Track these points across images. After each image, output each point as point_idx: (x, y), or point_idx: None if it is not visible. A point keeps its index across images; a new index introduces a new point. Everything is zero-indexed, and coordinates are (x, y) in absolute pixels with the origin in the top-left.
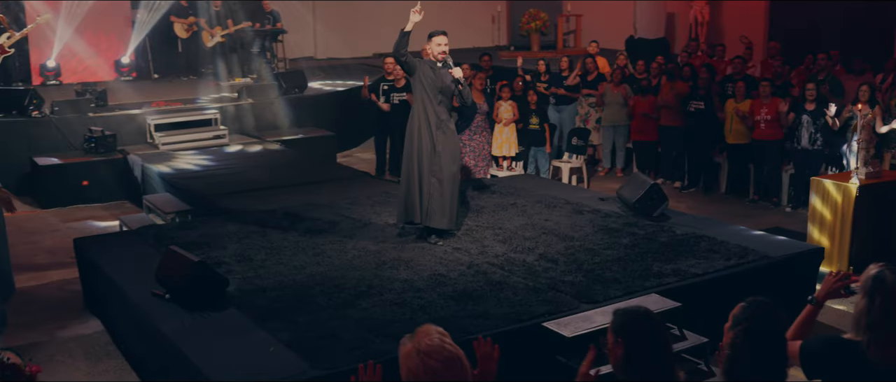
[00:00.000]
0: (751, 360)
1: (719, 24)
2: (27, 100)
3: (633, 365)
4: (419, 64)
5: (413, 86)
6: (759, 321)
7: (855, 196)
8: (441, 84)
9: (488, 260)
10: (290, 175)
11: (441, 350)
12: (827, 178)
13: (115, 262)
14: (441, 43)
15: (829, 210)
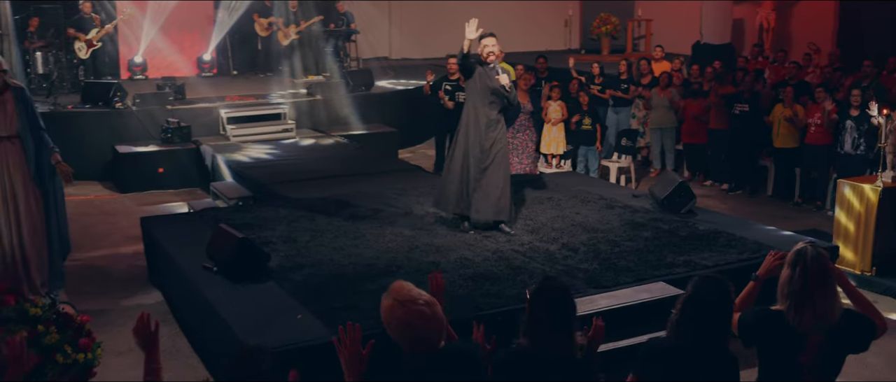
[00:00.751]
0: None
1: (787, 30)
2: (112, 92)
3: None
4: (475, 67)
5: (467, 88)
6: (704, 291)
7: (878, 198)
8: (491, 85)
9: (513, 247)
10: (348, 167)
11: (419, 296)
12: (852, 181)
13: (174, 239)
14: (490, 44)
15: (853, 211)
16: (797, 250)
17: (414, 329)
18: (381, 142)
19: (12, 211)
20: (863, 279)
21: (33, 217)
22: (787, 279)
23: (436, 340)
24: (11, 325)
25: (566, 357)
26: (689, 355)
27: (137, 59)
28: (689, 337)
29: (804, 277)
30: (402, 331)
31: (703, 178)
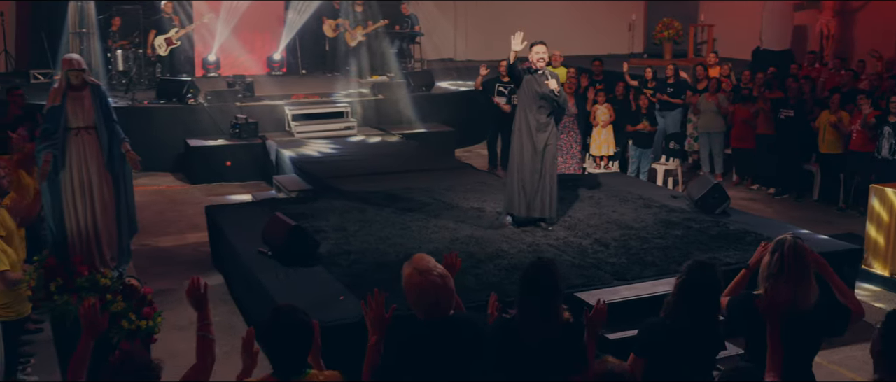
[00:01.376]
0: (687, 306)
1: (850, 37)
2: (185, 89)
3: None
4: (525, 75)
5: (518, 94)
6: (695, 275)
7: None
8: (540, 91)
9: (549, 241)
10: (402, 164)
11: (435, 267)
12: (883, 186)
13: (235, 226)
14: (539, 51)
15: (885, 214)
16: (778, 240)
17: (427, 296)
18: (439, 141)
19: (87, 193)
20: (890, 281)
21: (105, 199)
22: (766, 265)
23: (445, 308)
24: (84, 293)
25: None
26: (684, 334)
27: (211, 57)
28: (684, 318)
29: (780, 264)
30: (418, 296)
31: (750, 182)
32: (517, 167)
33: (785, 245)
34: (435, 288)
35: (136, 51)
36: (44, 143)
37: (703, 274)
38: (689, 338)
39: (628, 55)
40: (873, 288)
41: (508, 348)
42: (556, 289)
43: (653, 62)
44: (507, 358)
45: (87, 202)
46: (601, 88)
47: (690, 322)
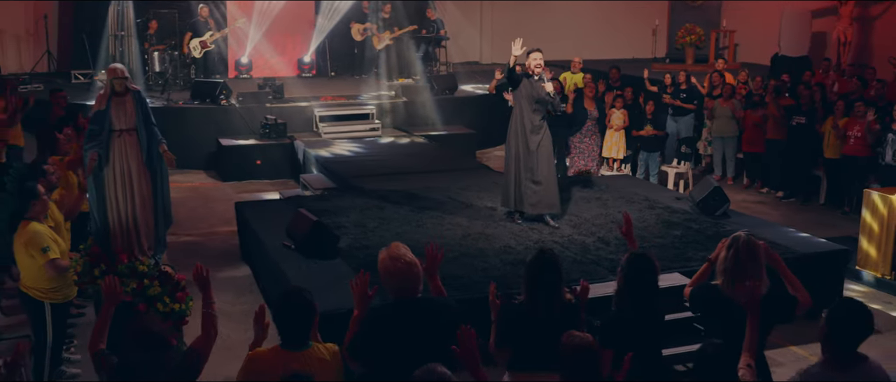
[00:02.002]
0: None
1: (869, 44)
2: (218, 91)
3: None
4: (522, 79)
5: (514, 96)
6: (633, 266)
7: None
8: (536, 95)
9: (554, 238)
10: (423, 164)
11: (405, 255)
12: (876, 190)
13: (261, 221)
14: (537, 58)
15: (877, 219)
16: (733, 236)
17: (394, 278)
18: (460, 143)
19: (128, 188)
20: (882, 282)
21: (144, 194)
22: (723, 259)
23: (411, 290)
24: (125, 278)
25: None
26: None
27: (244, 59)
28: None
29: (735, 258)
30: (387, 278)
31: (760, 185)
32: (513, 165)
33: (739, 241)
34: (401, 272)
35: (171, 52)
36: (90, 143)
37: (641, 264)
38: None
39: (651, 59)
40: (865, 289)
41: (518, 326)
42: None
43: (674, 66)
44: (517, 334)
45: (128, 196)
46: (620, 94)
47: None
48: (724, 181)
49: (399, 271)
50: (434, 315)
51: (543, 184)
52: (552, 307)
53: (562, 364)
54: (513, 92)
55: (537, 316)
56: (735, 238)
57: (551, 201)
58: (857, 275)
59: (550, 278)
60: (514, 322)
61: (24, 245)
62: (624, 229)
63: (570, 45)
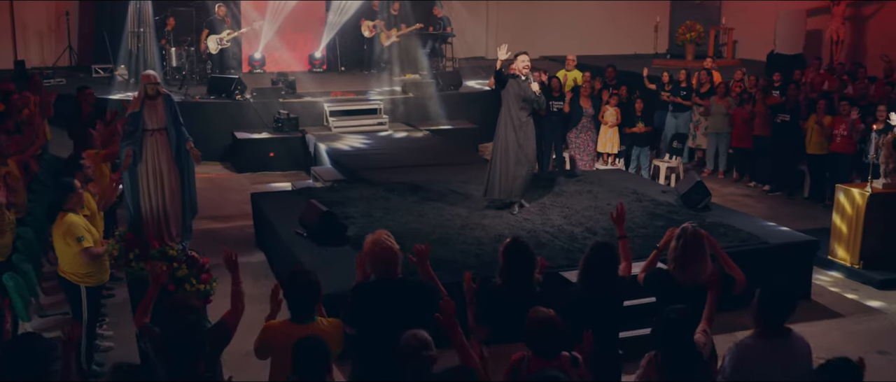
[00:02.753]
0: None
1: (862, 43)
2: (233, 86)
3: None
4: (509, 80)
5: (503, 96)
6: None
7: (865, 203)
8: (523, 94)
9: (546, 228)
10: (427, 158)
11: (385, 241)
12: (848, 186)
13: (275, 211)
14: (524, 60)
15: (847, 212)
16: (682, 228)
17: (373, 259)
18: (463, 137)
19: (159, 181)
20: (852, 271)
21: (173, 187)
22: (673, 248)
23: (389, 271)
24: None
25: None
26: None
27: (257, 55)
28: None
29: (684, 247)
30: (370, 260)
31: (748, 179)
32: (500, 158)
33: (687, 232)
34: (380, 254)
35: (188, 49)
36: (126, 142)
37: (602, 250)
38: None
39: (653, 55)
40: (837, 276)
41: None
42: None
43: (675, 63)
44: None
45: (159, 189)
46: (615, 92)
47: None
48: (716, 175)
49: (378, 254)
50: (411, 292)
51: (523, 174)
52: (524, 288)
53: (526, 335)
54: (501, 91)
55: (511, 295)
56: (683, 229)
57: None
58: (829, 264)
59: (523, 262)
60: (491, 302)
61: (61, 234)
62: (615, 215)
63: (573, 42)
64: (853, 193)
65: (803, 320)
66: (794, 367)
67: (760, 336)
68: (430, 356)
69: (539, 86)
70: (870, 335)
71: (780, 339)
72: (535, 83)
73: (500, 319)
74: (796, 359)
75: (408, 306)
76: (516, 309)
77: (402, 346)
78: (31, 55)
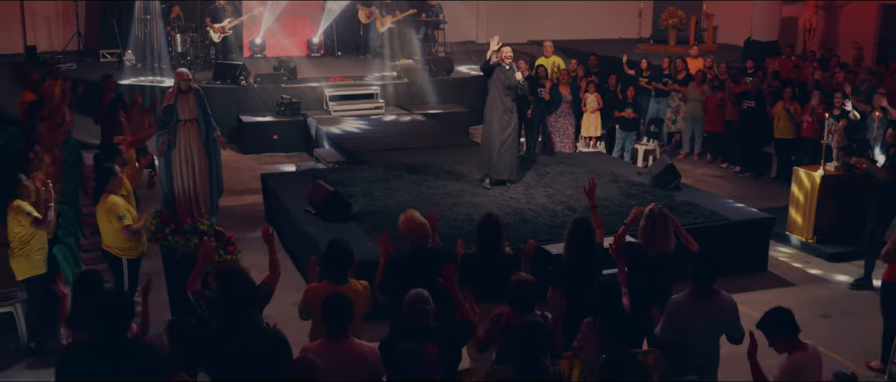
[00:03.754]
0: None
1: (834, 30)
2: (238, 72)
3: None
4: (496, 69)
5: (490, 84)
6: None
7: (819, 183)
8: (508, 82)
9: (530, 206)
10: (422, 140)
11: (418, 218)
12: (804, 168)
13: (285, 190)
14: (507, 51)
15: (802, 192)
16: (650, 208)
17: (408, 234)
18: (455, 121)
19: (190, 165)
20: (806, 245)
21: (202, 170)
22: (642, 226)
23: (421, 243)
24: (189, 235)
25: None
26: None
27: (257, 40)
28: (573, 254)
29: (652, 225)
30: (405, 234)
31: (721, 161)
32: (488, 140)
33: (654, 212)
34: (412, 229)
35: (192, 35)
36: (161, 131)
37: (584, 224)
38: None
39: (637, 40)
40: (791, 250)
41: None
42: (498, 234)
43: (658, 48)
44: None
45: (190, 171)
46: (592, 80)
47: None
48: (691, 157)
49: (413, 229)
50: (436, 259)
51: (508, 155)
52: (494, 256)
53: (509, 294)
54: (488, 80)
55: (482, 262)
56: (651, 210)
57: (512, 169)
58: (787, 239)
59: (492, 235)
60: (467, 268)
61: (104, 213)
62: (587, 188)
63: (559, 26)
64: (806, 174)
65: (759, 288)
66: (719, 320)
67: (692, 294)
68: (428, 308)
69: (523, 75)
70: (817, 301)
71: (708, 298)
72: (518, 72)
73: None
74: (722, 314)
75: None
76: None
77: (406, 302)
78: (40, 40)
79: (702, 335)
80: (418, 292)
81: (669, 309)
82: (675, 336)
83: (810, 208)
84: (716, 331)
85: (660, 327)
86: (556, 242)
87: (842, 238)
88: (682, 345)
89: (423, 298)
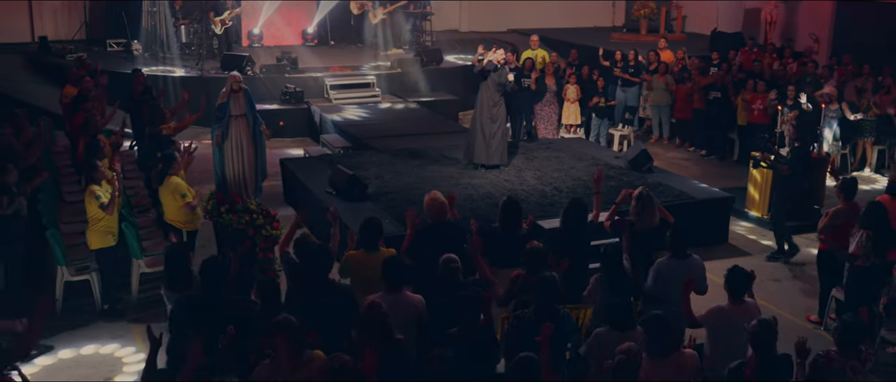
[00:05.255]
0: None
1: (793, 23)
2: (244, 62)
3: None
4: (491, 72)
5: (487, 82)
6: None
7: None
8: (500, 80)
9: (523, 187)
10: (419, 127)
11: (440, 197)
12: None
13: (306, 173)
14: (500, 54)
15: (759, 173)
16: (639, 191)
17: (431, 210)
18: (445, 108)
19: (239, 154)
20: (761, 220)
21: (250, 158)
22: (633, 206)
23: (441, 217)
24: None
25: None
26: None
27: (255, 30)
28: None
29: (642, 205)
30: (428, 210)
31: (688, 145)
32: (480, 129)
33: (643, 194)
34: (437, 207)
35: (195, 26)
36: (216, 125)
37: (578, 204)
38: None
39: (610, 29)
40: (749, 225)
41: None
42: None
43: (631, 37)
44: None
45: (240, 159)
46: (572, 73)
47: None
48: (661, 141)
49: (435, 206)
50: (454, 230)
51: (497, 142)
52: (515, 231)
53: (524, 259)
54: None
55: (504, 236)
56: (640, 192)
57: (503, 155)
58: (745, 215)
59: (514, 213)
60: (490, 239)
61: (170, 192)
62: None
63: (538, 15)
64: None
65: (719, 257)
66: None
67: (671, 257)
68: (458, 267)
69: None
70: (770, 268)
71: (683, 260)
72: (511, 73)
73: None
74: (694, 271)
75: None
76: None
77: (441, 263)
78: (46, 29)
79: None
80: (449, 255)
81: (655, 268)
82: (660, 288)
83: (765, 188)
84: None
85: (648, 282)
86: (548, 218)
87: (793, 214)
88: (665, 296)
89: (454, 259)
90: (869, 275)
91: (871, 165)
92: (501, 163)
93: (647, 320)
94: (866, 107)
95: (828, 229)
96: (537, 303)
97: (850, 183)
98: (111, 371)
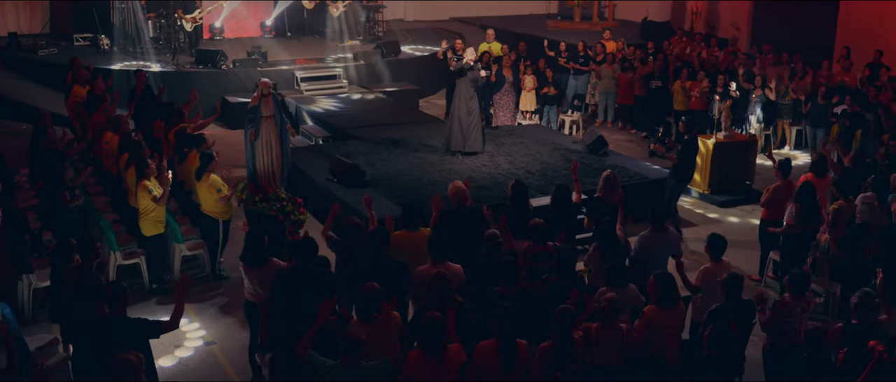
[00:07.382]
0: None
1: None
2: (218, 57)
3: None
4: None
5: (463, 79)
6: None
7: (712, 148)
8: (472, 76)
9: (498, 171)
10: (391, 116)
11: (460, 184)
12: (702, 137)
13: (304, 163)
14: (470, 53)
15: (701, 154)
16: (607, 172)
17: (455, 196)
18: (407, 96)
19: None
20: (703, 195)
21: (278, 153)
22: (601, 186)
23: (462, 202)
24: (273, 202)
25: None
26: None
27: (217, 24)
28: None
29: (609, 185)
30: (452, 195)
31: (630, 128)
32: (458, 120)
33: (611, 175)
34: (459, 194)
35: (162, 21)
36: (248, 126)
37: (563, 189)
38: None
39: (545, 16)
40: (693, 199)
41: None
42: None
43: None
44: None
45: (270, 154)
46: (529, 64)
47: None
48: (605, 124)
49: (458, 194)
50: (473, 213)
51: (473, 132)
52: (524, 208)
53: (530, 232)
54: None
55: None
56: (608, 174)
57: (481, 143)
58: (689, 192)
59: (523, 194)
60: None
61: (207, 187)
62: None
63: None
64: (703, 142)
65: None
66: (670, 246)
67: (652, 230)
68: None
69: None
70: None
71: (662, 232)
72: (483, 70)
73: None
74: (670, 242)
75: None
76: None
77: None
78: (9, 24)
79: (660, 256)
80: (492, 231)
81: (639, 239)
82: (643, 256)
83: (706, 167)
84: (666, 253)
85: (633, 251)
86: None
87: (730, 189)
88: (648, 262)
89: (497, 234)
90: (799, 240)
91: (790, 144)
92: (478, 150)
93: (659, 276)
94: (784, 92)
95: (769, 203)
96: (559, 271)
97: (786, 163)
98: (176, 343)
